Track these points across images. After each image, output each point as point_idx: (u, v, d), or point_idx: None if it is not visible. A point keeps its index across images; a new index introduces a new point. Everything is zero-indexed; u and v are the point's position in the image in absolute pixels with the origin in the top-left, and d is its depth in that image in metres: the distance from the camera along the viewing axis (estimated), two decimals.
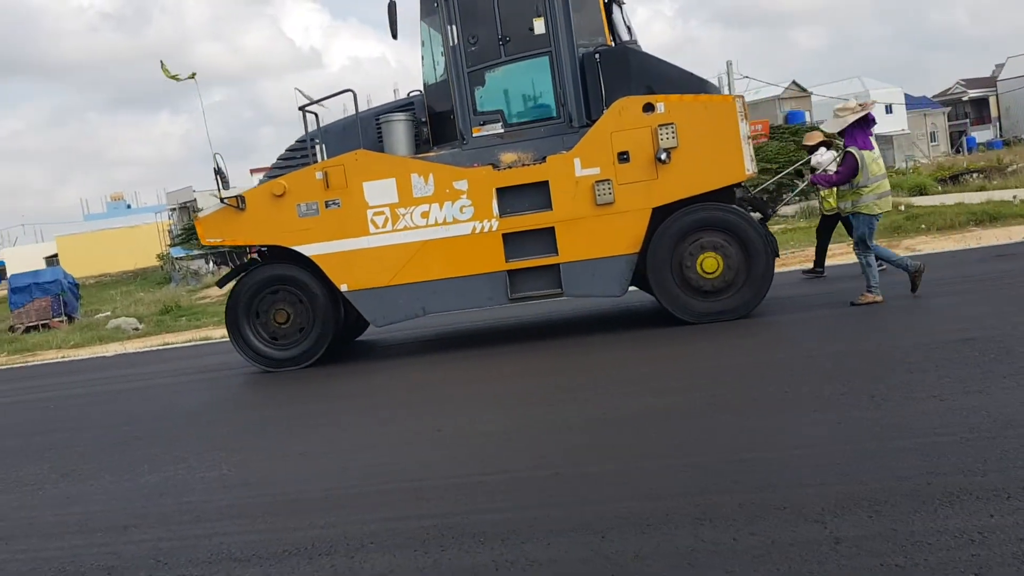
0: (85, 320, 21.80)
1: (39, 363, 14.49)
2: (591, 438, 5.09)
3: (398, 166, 8.70)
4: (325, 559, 3.78)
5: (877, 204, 8.18)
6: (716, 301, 8.29)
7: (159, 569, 3.93)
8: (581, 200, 8.35)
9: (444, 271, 8.68)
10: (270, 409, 7.58)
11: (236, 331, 9.15)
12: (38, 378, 12.03)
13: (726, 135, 8.17)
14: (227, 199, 8.90)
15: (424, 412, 6.46)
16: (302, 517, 4.37)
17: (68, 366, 12.95)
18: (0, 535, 4.79)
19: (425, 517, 4.09)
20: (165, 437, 6.91)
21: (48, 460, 6.55)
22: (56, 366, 13.33)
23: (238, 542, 4.13)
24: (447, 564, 3.54)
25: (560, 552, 3.51)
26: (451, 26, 8.67)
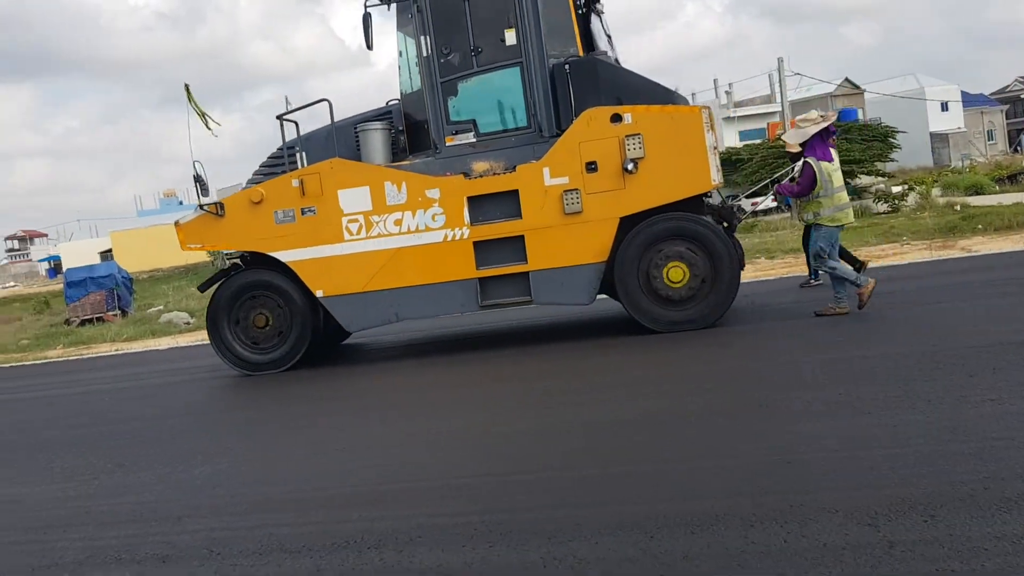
0: (138, 314, 22.26)
1: (93, 355, 14.76)
2: (615, 439, 5.09)
3: (372, 174, 8.83)
4: (374, 552, 3.84)
5: (836, 216, 8.18)
6: (682, 310, 8.33)
7: (212, 559, 4.04)
8: (550, 209, 8.44)
9: (416, 278, 8.80)
10: (309, 405, 7.73)
11: (216, 335, 9.36)
12: (95, 370, 12.33)
13: (692, 145, 8.21)
14: (207, 206, 9.04)
15: (441, 413, 6.54)
16: (349, 511, 4.45)
17: (121, 359, 13.26)
18: (58, 523, 4.95)
19: (471, 513, 4.13)
20: (214, 430, 7.21)
21: (102, 450, 6.74)
22: (110, 358, 13.68)
23: (288, 534, 4.22)
24: (496, 560, 3.58)
25: (608, 551, 3.51)
26: (424, 36, 8.79)
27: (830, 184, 8.09)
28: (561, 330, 9.90)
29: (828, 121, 8.27)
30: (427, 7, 8.76)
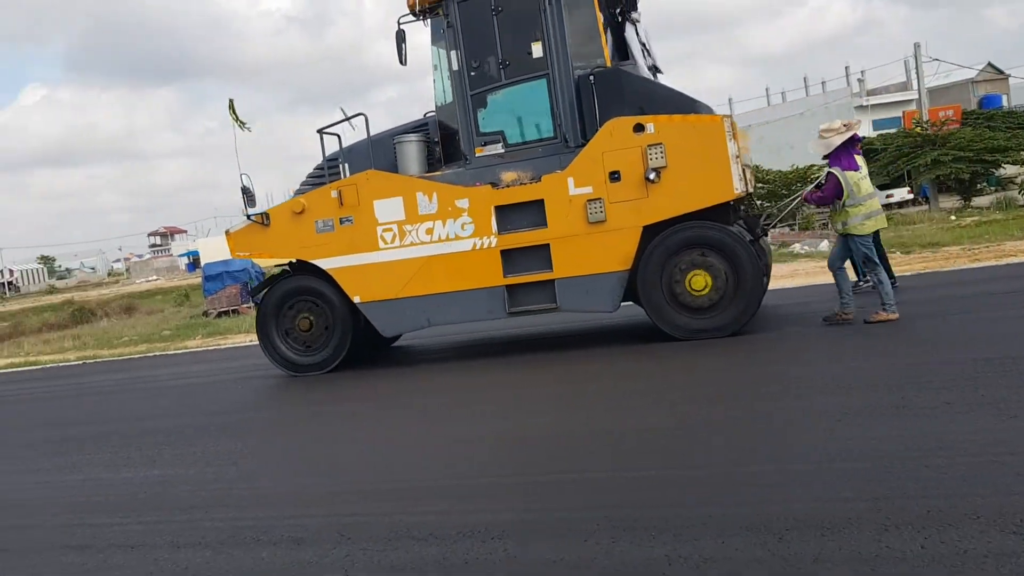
0: None
1: (230, 346, 15.45)
2: (735, 440, 5.04)
3: (405, 185, 9.20)
4: (497, 543, 3.91)
5: (865, 224, 8.15)
6: (705, 318, 8.41)
7: (342, 543, 4.20)
8: (574, 218, 8.62)
9: (447, 285, 9.10)
10: (422, 396, 7.92)
11: (265, 337, 9.92)
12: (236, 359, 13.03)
13: (714, 154, 8.25)
14: (253, 216, 9.59)
15: (524, 412, 6.64)
16: (472, 502, 4.57)
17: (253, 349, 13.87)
18: (200, 504, 5.28)
19: (593, 508, 4.16)
20: (337, 418, 7.57)
21: (240, 436, 7.13)
22: (245, 349, 14.42)
23: (415, 522, 4.34)
24: (618, 555, 3.60)
25: (734, 551, 3.48)
26: (455, 51, 9.12)
27: (856, 193, 8.08)
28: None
29: (852, 131, 8.23)
30: (457, 22, 9.08)
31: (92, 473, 6.67)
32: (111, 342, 18.88)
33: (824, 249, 18.51)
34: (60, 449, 7.75)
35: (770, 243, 10.17)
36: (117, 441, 7.78)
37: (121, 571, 4.28)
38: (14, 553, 4.83)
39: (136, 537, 4.77)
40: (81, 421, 9.22)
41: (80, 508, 5.60)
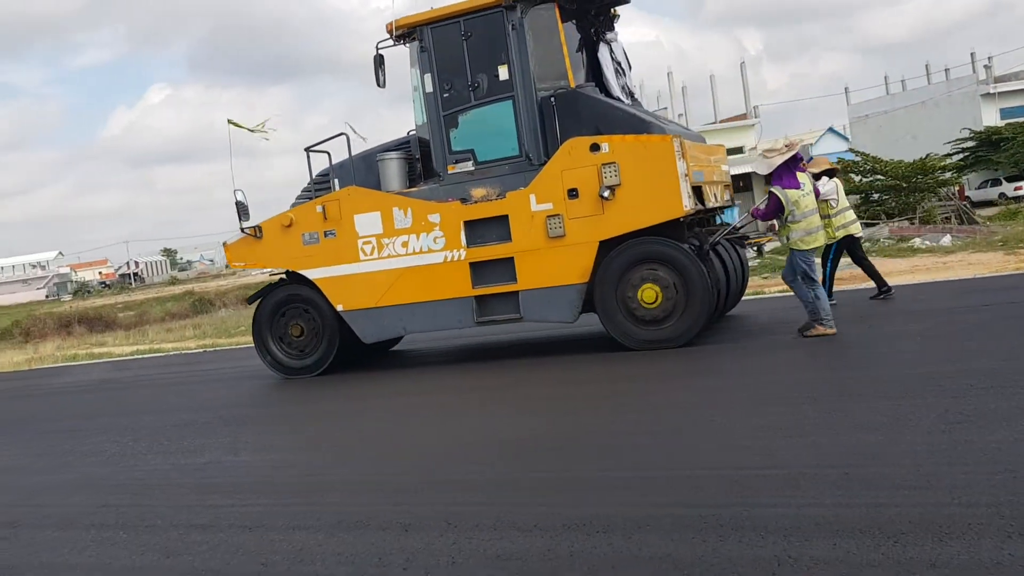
0: None
1: None
2: (832, 439, 4.95)
3: (382, 201, 9.79)
4: (603, 536, 3.94)
5: (805, 239, 8.45)
6: (657, 330, 8.81)
7: (450, 531, 4.29)
8: (536, 233, 9.08)
9: (421, 295, 9.65)
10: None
11: (260, 341, 10.65)
12: None
13: (664, 173, 8.60)
14: (247, 229, 10.25)
15: (614, 410, 6.64)
16: (577, 495, 4.62)
17: None
18: (310, 488, 5.57)
19: (701, 506, 4.15)
20: (427, 408, 7.81)
21: (343, 423, 7.45)
22: None
23: (521, 513, 4.41)
24: (726, 553, 3.58)
25: (847, 553, 3.43)
26: (428, 74, 9.65)
27: (797, 210, 8.39)
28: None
29: (793, 151, 8.55)
30: (431, 47, 9.64)
31: (214, 456, 7.07)
32: (228, 331, 19.82)
33: (947, 244, 17.80)
34: (185, 432, 8.21)
35: (749, 256, 10.88)
36: (235, 426, 8.21)
37: (242, 551, 4.50)
38: (144, 530, 5.10)
39: (254, 519, 4.97)
40: (203, 407, 9.71)
41: (203, 489, 5.91)
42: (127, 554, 4.68)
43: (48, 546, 5.02)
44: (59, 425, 9.84)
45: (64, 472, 7.30)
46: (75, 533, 5.19)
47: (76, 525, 5.37)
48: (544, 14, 9.42)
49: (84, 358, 18.58)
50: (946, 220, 23.59)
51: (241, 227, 10.40)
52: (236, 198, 10.39)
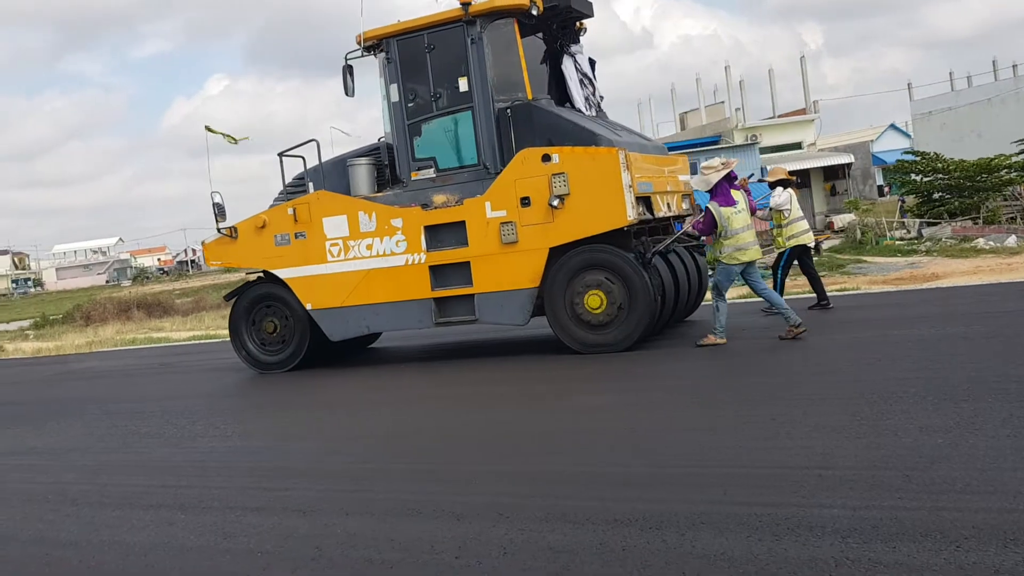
0: None
1: None
2: (894, 441, 4.82)
3: (349, 205, 10.20)
4: (655, 533, 3.91)
5: (735, 255, 8.76)
6: (602, 334, 9.13)
7: (501, 522, 4.30)
8: (491, 239, 9.43)
9: (384, 296, 10.06)
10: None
11: (236, 336, 11.12)
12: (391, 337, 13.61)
13: (610, 184, 8.90)
14: (223, 229, 10.72)
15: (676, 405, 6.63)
16: (631, 490, 4.58)
17: None
18: (361, 475, 5.60)
19: (756, 504, 4.10)
20: (481, 399, 7.85)
21: (401, 412, 7.47)
22: None
23: (572, 506, 4.38)
24: (781, 553, 3.53)
25: (906, 556, 3.37)
26: (394, 84, 10.05)
27: (729, 227, 8.71)
28: None
29: (728, 168, 8.85)
30: (396, 58, 9.99)
31: (267, 441, 7.24)
32: None
33: (1012, 244, 17.33)
34: (241, 417, 8.39)
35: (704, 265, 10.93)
36: (286, 412, 8.38)
37: (296, 535, 4.55)
38: (201, 511, 5.18)
39: (307, 503, 5.04)
40: (257, 392, 10.06)
41: (257, 472, 6.04)
42: (185, 534, 4.79)
43: (109, 524, 5.14)
44: (120, 407, 10.07)
45: (124, 452, 7.48)
46: (135, 512, 5.32)
47: (136, 504, 5.50)
48: (503, 29, 9.67)
49: (142, 342, 18.90)
50: (1011, 220, 23.00)
51: (218, 227, 10.87)
52: (213, 199, 10.80)
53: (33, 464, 7.35)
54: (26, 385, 13.76)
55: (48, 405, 10.83)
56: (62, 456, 7.54)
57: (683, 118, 44.58)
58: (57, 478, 6.60)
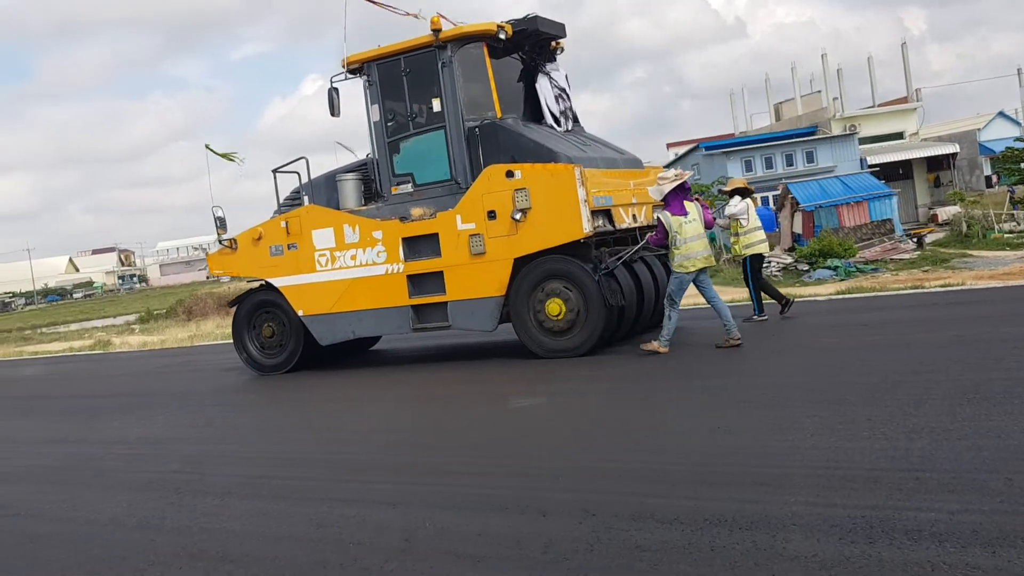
0: None
1: None
2: (995, 444, 4.63)
3: (335, 218, 10.70)
4: (745, 533, 3.79)
5: (684, 264, 8.87)
6: (562, 340, 9.54)
7: (587, 518, 4.20)
8: (461, 250, 9.87)
9: (366, 303, 10.56)
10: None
11: (238, 340, 11.77)
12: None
13: (567, 198, 9.26)
14: (224, 241, 11.33)
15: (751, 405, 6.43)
16: (720, 490, 4.42)
17: None
18: (451, 471, 5.57)
19: (850, 507, 3.92)
20: (584, 399, 7.62)
21: (487, 409, 7.51)
22: None
23: (660, 505, 4.27)
24: (875, 556, 3.38)
25: (1007, 562, 3.21)
26: (375, 104, 10.54)
27: (679, 236, 8.84)
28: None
29: (681, 179, 8.99)
30: (376, 81, 10.49)
31: (360, 434, 7.35)
32: None
33: None
34: (334, 409, 8.63)
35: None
36: (379, 404, 8.55)
37: (386, 526, 4.54)
38: (296, 501, 5.27)
39: (399, 496, 5.06)
40: (349, 386, 10.21)
41: (349, 466, 6.10)
42: (280, 524, 4.91)
43: (209, 512, 5.33)
44: (221, 399, 10.34)
45: (224, 443, 7.77)
46: (233, 501, 5.51)
47: (234, 494, 5.69)
48: (473, 52, 10.10)
49: None
50: None
51: (219, 239, 11.44)
52: (215, 214, 11.35)
53: (139, 453, 7.62)
54: (132, 377, 14.34)
55: (153, 397, 11.13)
56: (166, 446, 7.88)
57: (778, 108, 43.55)
58: (161, 467, 6.90)
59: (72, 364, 14.75)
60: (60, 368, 17.35)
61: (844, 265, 19.33)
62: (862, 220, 24.40)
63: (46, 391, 13.89)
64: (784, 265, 20.64)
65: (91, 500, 5.97)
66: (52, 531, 5.31)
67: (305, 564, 4.16)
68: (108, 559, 4.61)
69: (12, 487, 6.74)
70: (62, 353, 21.74)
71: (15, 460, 7.86)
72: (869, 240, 23.29)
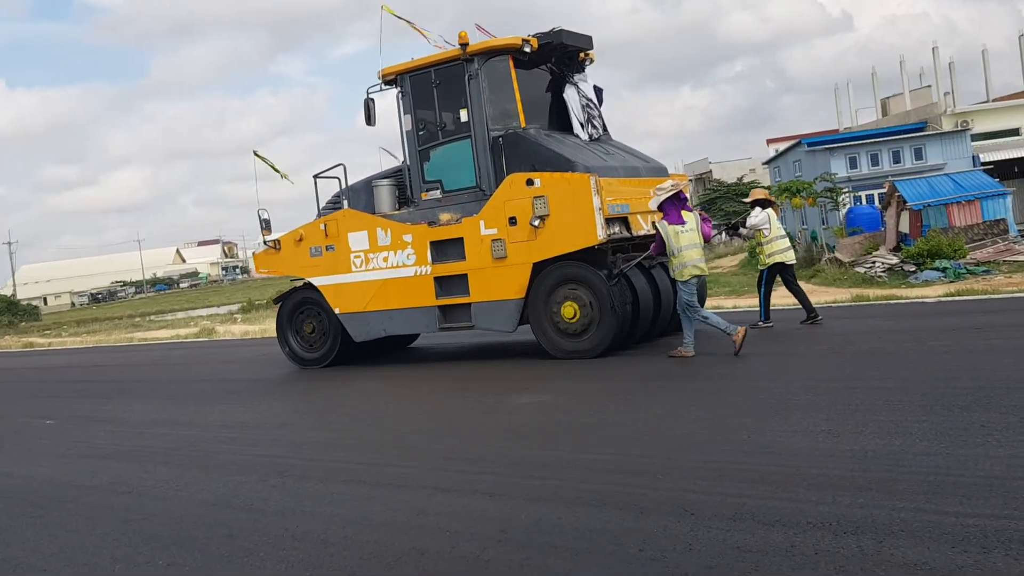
0: None
1: None
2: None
3: (369, 222, 11.13)
4: (851, 538, 3.61)
5: (681, 272, 9.10)
6: (577, 341, 9.81)
7: (685, 518, 4.09)
8: (484, 254, 10.22)
9: (397, 303, 10.96)
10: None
11: (282, 335, 12.32)
12: None
13: (583, 206, 9.52)
14: (269, 242, 11.89)
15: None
16: (826, 492, 4.21)
17: None
18: (549, 464, 5.42)
19: (965, 515, 3.71)
20: (682, 396, 7.42)
21: (588, 405, 7.48)
22: None
23: (760, 506, 4.10)
24: (990, 566, 3.19)
25: None
26: (408, 115, 10.90)
27: (675, 245, 9.05)
28: None
29: (677, 188, 9.19)
30: (409, 92, 10.82)
31: (456, 424, 7.31)
32: None
33: None
34: (434, 398, 8.73)
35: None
36: (473, 397, 8.61)
37: (484, 516, 4.49)
38: (396, 488, 5.25)
39: (495, 487, 4.99)
40: (446, 376, 10.22)
41: (449, 455, 6.03)
42: (381, 509, 4.95)
43: (311, 496, 5.43)
44: (321, 386, 10.39)
45: (325, 430, 7.93)
46: (335, 487, 5.60)
47: (336, 479, 5.79)
48: (499, 65, 10.34)
49: None
50: None
51: (264, 240, 11.94)
52: (260, 216, 11.84)
53: (244, 437, 7.77)
54: (236, 364, 14.85)
55: (255, 384, 11.24)
56: (268, 431, 8.11)
57: (885, 104, 42.08)
58: (264, 451, 7.11)
59: (179, 350, 15.35)
60: (169, 354, 18.04)
61: (953, 267, 18.51)
62: (974, 220, 23.36)
63: (156, 376, 14.39)
64: (889, 266, 19.93)
65: (198, 480, 6.15)
66: (161, 508, 5.47)
67: (404, 551, 4.20)
68: (215, 538, 4.74)
69: (124, 465, 6.99)
70: (169, 340, 22.63)
71: (127, 441, 8.16)
72: (981, 241, 22.29)
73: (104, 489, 6.17)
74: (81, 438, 8.51)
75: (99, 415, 10.15)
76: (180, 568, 4.30)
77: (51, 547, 4.89)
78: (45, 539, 5.06)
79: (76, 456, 7.63)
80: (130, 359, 18.72)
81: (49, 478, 6.80)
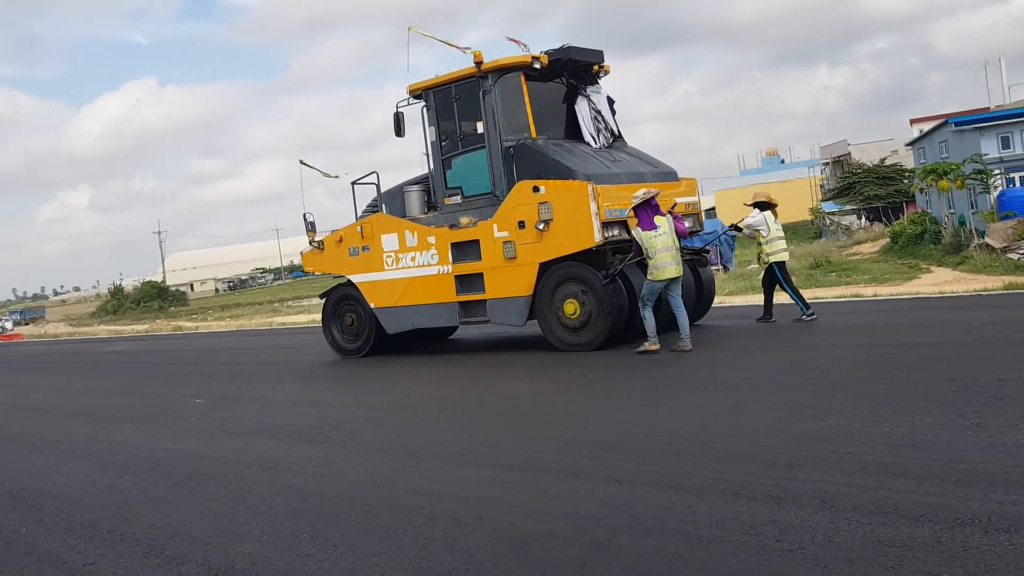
0: (737, 270, 23.46)
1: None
2: None
3: (398, 224, 12.06)
4: (1003, 535, 3.31)
5: (655, 274, 9.66)
6: (578, 335, 10.58)
7: (825, 510, 3.79)
8: (497, 255, 11.03)
9: (423, 299, 11.84)
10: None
11: (326, 326, 13.32)
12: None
13: (581, 211, 10.24)
14: (314, 242, 12.70)
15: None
16: (976, 488, 3.87)
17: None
18: (676, 452, 5.25)
19: None
20: (774, 386, 7.05)
21: (714, 394, 7.34)
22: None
23: (904, 500, 3.77)
24: None
25: None
26: (432, 126, 11.73)
27: (648, 249, 9.65)
28: None
29: (648, 196, 9.71)
30: (433, 106, 11.66)
31: (578, 414, 7.13)
32: None
33: None
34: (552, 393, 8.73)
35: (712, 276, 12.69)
36: (599, 385, 8.57)
37: (612, 502, 4.26)
38: (521, 472, 5.05)
39: (622, 474, 4.76)
40: (539, 368, 9.97)
41: (570, 442, 5.87)
42: (511, 491, 4.87)
43: (443, 476, 5.49)
44: (452, 371, 10.57)
45: (456, 413, 8.04)
46: (467, 468, 5.65)
47: (464, 462, 5.85)
48: (511, 81, 11.02)
49: None
50: None
51: (310, 240, 12.64)
52: (306, 219, 12.59)
53: (380, 418, 7.84)
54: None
55: (388, 368, 11.39)
56: (403, 413, 8.33)
57: None
58: (399, 431, 7.31)
59: (315, 335, 16.00)
60: (305, 339, 18.81)
61: None
62: None
63: (298, 358, 15.04)
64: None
65: (338, 458, 6.35)
66: (304, 484, 5.65)
67: (535, 532, 4.22)
68: (355, 513, 4.90)
69: (269, 442, 7.28)
70: (307, 324, 23.55)
71: (273, 419, 8.48)
72: None
73: (251, 465, 6.45)
74: (229, 416, 8.90)
75: (245, 395, 10.57)
76: (323, 541, 4.46)
77: (204, 517, 5.13)
78: (198, 510, 5.33)
79: (225, 433, 8.03)
80: (269, 343, 19.58)
81: (200, 453, 7.15)
